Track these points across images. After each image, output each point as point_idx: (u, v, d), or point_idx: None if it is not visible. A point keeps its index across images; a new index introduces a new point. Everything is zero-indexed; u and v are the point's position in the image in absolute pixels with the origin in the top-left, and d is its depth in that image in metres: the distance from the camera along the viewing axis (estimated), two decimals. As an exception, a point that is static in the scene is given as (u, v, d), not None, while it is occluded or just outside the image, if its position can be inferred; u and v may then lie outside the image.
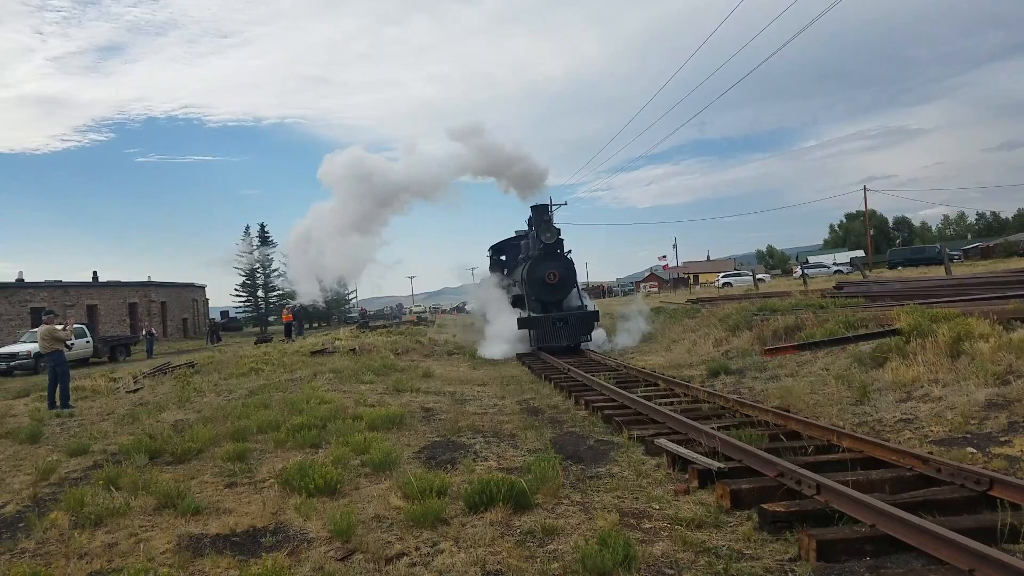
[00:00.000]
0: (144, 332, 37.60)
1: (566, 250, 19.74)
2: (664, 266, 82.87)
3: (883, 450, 5.51)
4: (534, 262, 19.22)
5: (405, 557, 4.29)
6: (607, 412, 8.41)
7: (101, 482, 6.19)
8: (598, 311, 19.70)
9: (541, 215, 19.62)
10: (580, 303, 19.69)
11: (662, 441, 6.40)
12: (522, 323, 18.40)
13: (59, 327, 13.79)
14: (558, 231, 19.25)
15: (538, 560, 4.12)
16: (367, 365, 15.06)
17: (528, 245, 20.84)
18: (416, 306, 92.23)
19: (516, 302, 20.52)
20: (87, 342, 30.48)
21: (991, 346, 8.08)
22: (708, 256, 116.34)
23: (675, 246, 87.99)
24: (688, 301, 27.69)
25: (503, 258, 24.52)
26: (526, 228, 22.13)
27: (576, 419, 8.70)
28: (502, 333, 19.32)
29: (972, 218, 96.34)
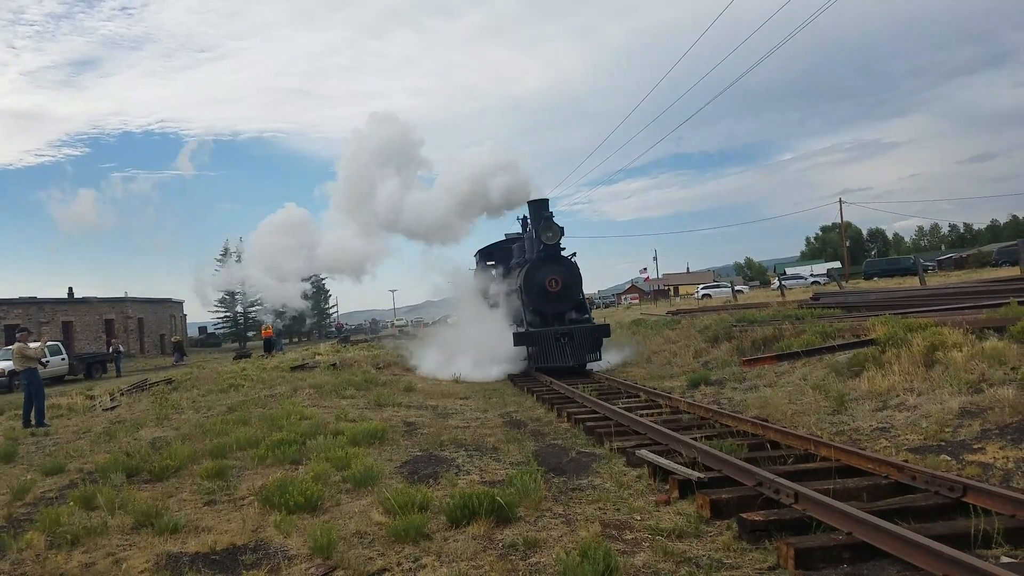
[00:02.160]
0: (111, 349, 36.14)
1: (569, 253, 16.69)
2: (645, 278, 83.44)
3: (859, 458, 5.60)
4: (532, 266, 16.37)
5: (387, 573, 4.28)
6: (589, 424, 8.45)
7: (77, 501, 6.10)
8: (608, 325, 16.95)
9: (541, 211, 16.64)
10: (587, 315, 16.91)
11: (643, 452, 6.45)
12: (519, 339, 15.57)
13: (32, 345, 13.60)
14: (561, 230, 16.26)
15: (520, 573, 4.13)
16: (348, 380, 14.95)
17: (523, 248, 18.28)
18: (398, 320, 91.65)
19: (512, 312, 17.72)
20: (62, 359, 30.00)
21: (964, 355, 8.23)
22: (688, 268, 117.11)
23: (655, 258, 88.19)
24: (668, 313, 27.89)
25: (492, 263, 21.35)
26: (518, 231, 19.49)
27: (558, 431, 8.72)
28: (493, 351, 16.64)
29: (945, 229, 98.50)
